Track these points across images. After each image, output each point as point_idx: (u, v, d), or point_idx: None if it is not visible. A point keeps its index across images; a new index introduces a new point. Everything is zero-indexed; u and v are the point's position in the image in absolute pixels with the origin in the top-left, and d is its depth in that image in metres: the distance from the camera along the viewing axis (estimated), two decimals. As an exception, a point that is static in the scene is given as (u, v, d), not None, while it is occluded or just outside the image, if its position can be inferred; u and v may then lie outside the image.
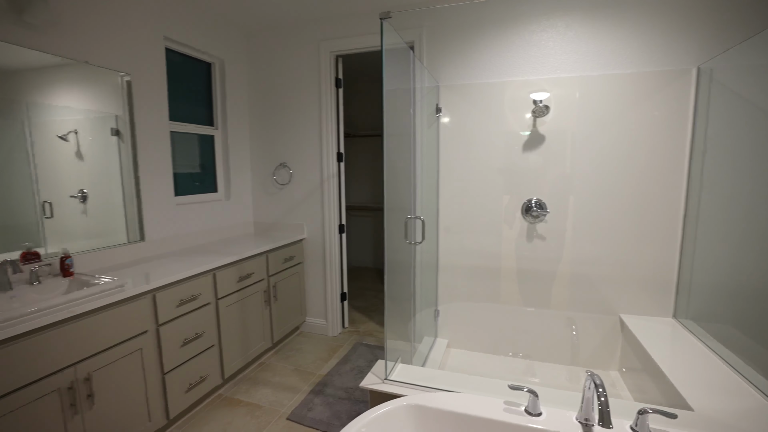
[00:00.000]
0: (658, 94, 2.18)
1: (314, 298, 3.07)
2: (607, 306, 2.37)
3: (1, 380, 1.24)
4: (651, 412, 1.17)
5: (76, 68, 1.88)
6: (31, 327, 1.31)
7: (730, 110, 1.89)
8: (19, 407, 1.30)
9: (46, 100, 1.78)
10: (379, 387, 1.54)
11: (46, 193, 1.81)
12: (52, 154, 1.83)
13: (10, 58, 1.63)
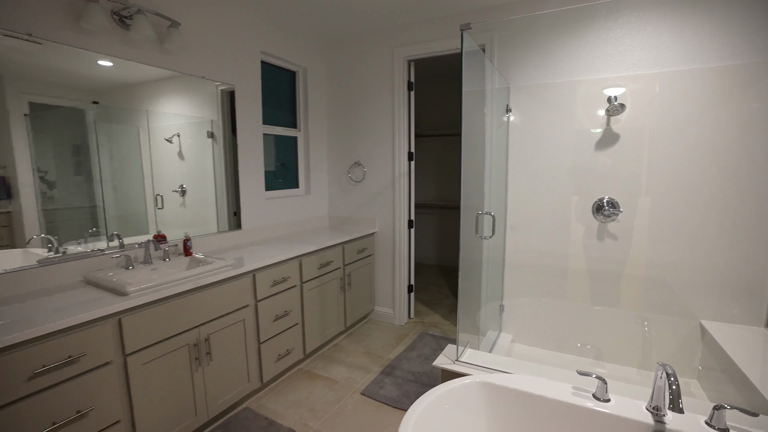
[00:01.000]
0: (756, 85, 2.05)
1: (383, 288, 3.27)
2: (685, 310, 2.28)
3: (151, 333, 1.58)
4: (729, 408, 1.18)
5: (179, 80, 2.19)
6: (170, 292, 1.64)
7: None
8: (163, 354, 1.63)
9: (157, 108, 2.11)
10: (450, 367, 1.68)
11: (157, 188, 2.16)
12: (160, 155, 2.18)
13: (134, 74, 1.98)
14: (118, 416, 1.50)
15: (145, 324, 1.56)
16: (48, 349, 1.28)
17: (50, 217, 1.72)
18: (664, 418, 1.22)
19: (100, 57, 1.81)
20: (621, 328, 2.42)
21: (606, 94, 2.34)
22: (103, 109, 1.88)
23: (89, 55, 1.77)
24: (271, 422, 1.99)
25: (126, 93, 1.96)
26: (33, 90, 1.62)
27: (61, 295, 1.56)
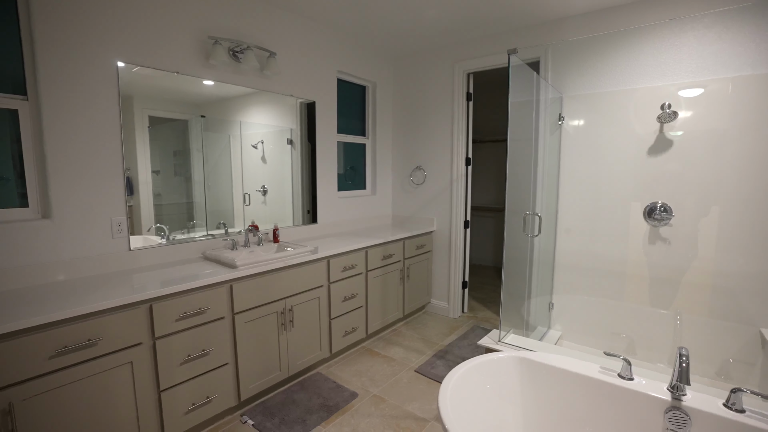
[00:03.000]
0: (821, 93, 2.02)
1: (439, 282, 3.55)
2: (745, 317, 2.26)
3: (251, 298, 2.04)
4: (746, 391, 1.30)
5: (265, 94, 2.59)
6: (266, 268, 2.09)
7: None
8: (260, 317, 2.09)
9: (246, 119, 2.53)
10: (492, 345, 1.92)
11: (246, 188, 2.59)
12: (247, 159, 2.59)
13: (229, 90, 2.44)
14: (227, 359, 1.96)
15: (247, 291, 2.02)
16: (186, 302, 1.76)
17: (161, 210, 2.16)
18: (683, 397, 1.36)
19: (220, 86, 2.33)
20: (672, 331, 2.44)
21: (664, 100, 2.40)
22: (206, 120, 2.33)
23: (200, 79, 2.29)
24: (338, 385, 2.37)
25: (221, 106, 2.39)
26: (152, 106, 2.08)
27: (190, 265, 2.08)
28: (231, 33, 2.34)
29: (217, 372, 1.92)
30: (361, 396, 2.27)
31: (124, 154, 1.98)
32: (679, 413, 1.33)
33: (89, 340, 1.48)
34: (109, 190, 1.93)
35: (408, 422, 2.04)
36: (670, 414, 1.35)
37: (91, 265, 1.87)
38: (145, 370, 1.66)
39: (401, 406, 2.17)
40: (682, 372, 1.27)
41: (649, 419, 1.41)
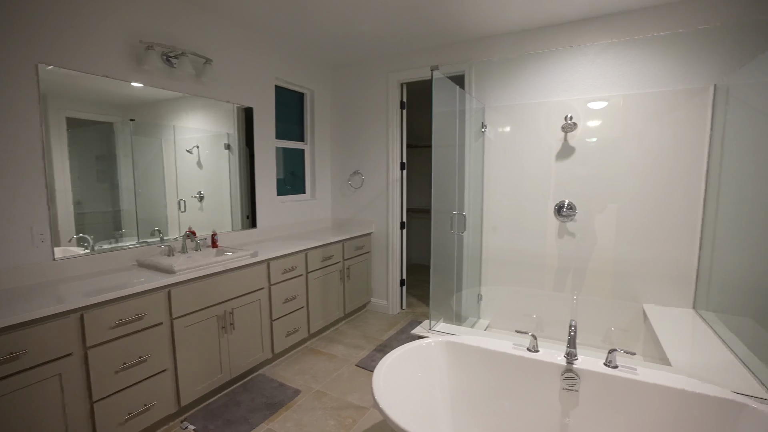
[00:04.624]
0: (678, 109, 2.49)
1: (378, 281, 3.72)
2: (632, 296, 2.69)
3: (190, 303, 2.04)
4: (619, 351, 1.60)
5: (199, 99, 2.56)
6: (205, 272, 2.10)
7: (746, 122, 2.16)
8: (199, 321, 2.09)
9: (180, 123, 2.49)
10: (423, 333, 2.12)
11: (180, 194, 2.55)
12: (182, 164, 2.55)
13: (160, 92, 2.42)
14: (166, 365, 1.95)
15: (186, 296, 2.02)
16: (122, 309, 1.74)
17: (82, 219, 2.03)
18: (575, 361, 1.64)
19: (151, 89, 2.30)
20: (582, 312, 2.83)
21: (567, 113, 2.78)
22: (136, 124, 2.25)
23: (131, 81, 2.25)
24: (282, 384, 2.43)
25: (152, 109, 2.32)
26: (70, 106, 1.95)
27: (125, 273, 2.03)
28: (165, 38, 2.33)
29: (155, 379, 1.90)
30: (304, 392, 2.35)
31: (46, 160, 1.89)
32: (571, 374, 1.61)
33: (11, 353, 1.43)
34: (28, 197, 1.84)
35: (349, 411, 2.16)
36: (565, 375, 1.62)
37: (10, 277, 1.77)
38: (76, 381, 1.62)
39: (342, 398, 2.29)
40: (571, 339, 1.54)
41: (550, 381, 1.67)
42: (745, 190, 2.10)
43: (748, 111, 2.13)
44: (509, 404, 1.79)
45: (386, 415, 1.35)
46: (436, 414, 1.77)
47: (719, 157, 2.38)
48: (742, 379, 1.64)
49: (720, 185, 2.36)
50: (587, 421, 1.62)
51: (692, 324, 2.33)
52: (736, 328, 2.03)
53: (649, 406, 1.52)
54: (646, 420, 1.52)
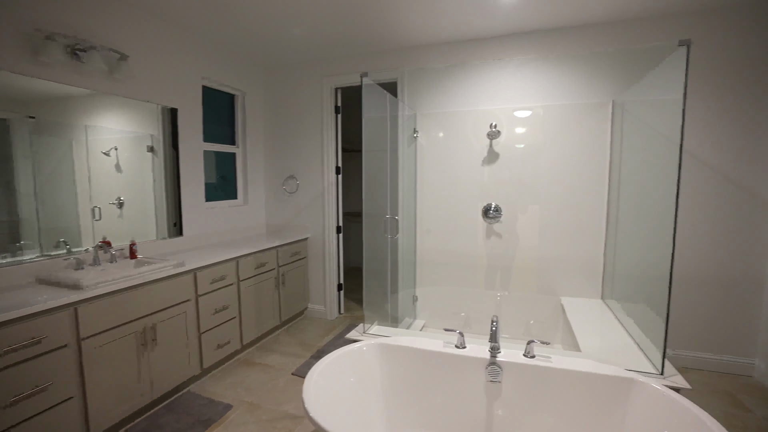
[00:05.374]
0: (586, 120, 2.78)
1: (315, 287, 3.67)
2: (552, 290, 2.93)
3: (103, 321, 1.86)
4: (536, 342, 1.74)
5: (117, 97, 2.36)
6: (121, 286, 1.93)
7: (637, 134, 2.47)
8: (115, 339, 1.91)
9: (92, 122, 2.26)
10: (358, 337, 2.13)
11: (95, 201, 2.32)
12: (97, 168, 2.32)
13: (70, 88, 2.19)
14: (72, 392, 1.75)
15: (98, 313, 1.84)
16: (13, 333, 1.54)
17: None
18: (498, 354, 1.75)
19: (54, 84, 2.07)
20: (508, 307, 3.02)
21: (492, 121, 2.97)
22: (37, 122, 2.01)
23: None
24: (211, 400, 2.30)
25: (59, 106, 2.09)
26: None
27: (19, 291, 1.80)
28: (69, 29, 2.10)
29: (58, 409, 1.70)
30: (236, 407, 2.25)
31: None
32: (495, 367, 1.71)
33: None
34: None
35: (284, 422, 2.11)
36: (489, 368, 1.72)
37: None
38: (-45, 418, 1.40)
39: (277, 409, 2.22)
40: (493, 334, 1.64)
41: (476, 375, 1.77)
42: (638, 192, 2.39)
43: (638, 124, 2.43)
44: (441, 399, 1.85)
45: (317, 424, 1.34)
46: (371, 416, 1.79)
47: (618, 164, 2.69)
48: (636, 358, 1.86)
49: (619, 188, 2.67)
50: (510, 409, 1.73)
51: (600, 313, 2.60)
52: (633, 314, 2.30)
53: (561, 390, 1.67)
54: (560, 402, 1.66)
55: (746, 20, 2.45)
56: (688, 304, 2.66)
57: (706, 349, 2.66)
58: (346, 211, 4.53)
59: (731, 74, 2.50)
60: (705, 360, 2.66)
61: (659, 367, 1.74)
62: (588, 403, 1.62)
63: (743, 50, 2.47)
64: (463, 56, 3.06)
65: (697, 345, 2.68)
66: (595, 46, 2.74)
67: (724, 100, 2.52)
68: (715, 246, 2.59)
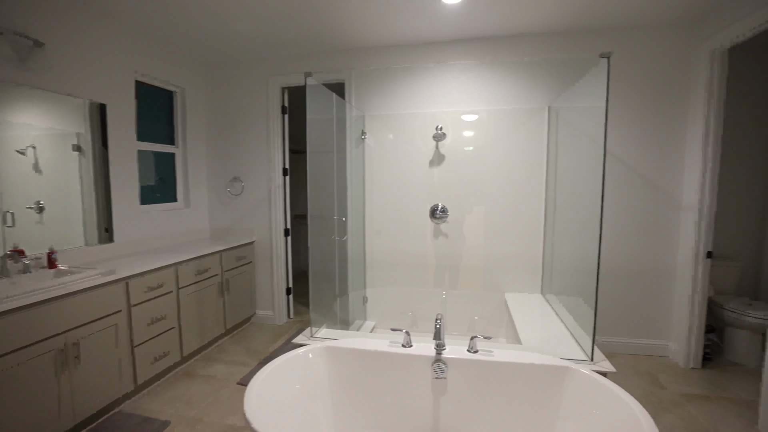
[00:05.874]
0: (525, 124, 2.93)
1: (263, 292, 3.55)
2: (497, 286, 3.06)
3: (9, 341, 1.66)
4: (478, 337, 1.80)
5: (35, 89, 2.13)
6: (34, 300, 1.74)
7: (569, 138, 2.63)
8: (24, 361, 1.71)
9: (2, 117, 2.01)
10: (305, 341, 2.08)
11: (7, 205, 2.06)
12: (10, 168, 2.07)
13: None
14: (-25, 421, 1.55)
15: (4, 332, 1.64)
16: None
17: None
18: (443, 351, 1.79)
19: (-50, 73, 1.82)
20: (455, 305, 3.10)
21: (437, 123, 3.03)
22: None
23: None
24: (146, 419, 2.14)
25: None
26: None
27: None
28: (-33, 11, 1.87)
29: (-44, 440, 1.50)
30: (174, 423, 2.11)
31: None
32: (440, 363, 1.75)
33: None
34: None
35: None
36: (434, 365, 1.75)
37: None
38: None
39: (220, 422, 2.12)
40: (437, 332, 1.68)
41: (423, 372, 1.79)
42: (571, 192, 2.56)
43: (570, 129, 2.61)
44: (390, 399, 1.86)
45: (258, 434, 1.29)
46: (318, 422, 1.75)
47: (554, 166, 2.86)
48: (570, 347, 1.99)
49: (555, 189, 2.85)
50: (456, 404, 1.78)
51: (539, 306, 2.74)
52: (569, 306, 2.46)
53: (503, 381, 1.74)
54: (503, 393, 1.73)
55: (658, 38, 2.71)
56: (614, 294, 2.89)
57: (630, 335, 2.91)
58: (296, 213, 4.44)
59: (647, 85, 2.75)
60: (629, 345, 2.90)
61: (590, 354, 1.86)
62: (528, 392, 1.70)
63: (657, 64, 2.73)
64: (411, 59, 3.11)
65: (622, 331, 2.91)
66: (531, 54, 2.90)
67: (642, 108, 2.77)
68: (636, 241, 2.84)
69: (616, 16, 2.59)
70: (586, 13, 2.54)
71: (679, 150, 2.74)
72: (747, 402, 2.26)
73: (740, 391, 2.38)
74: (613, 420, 1.41)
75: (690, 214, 2.66)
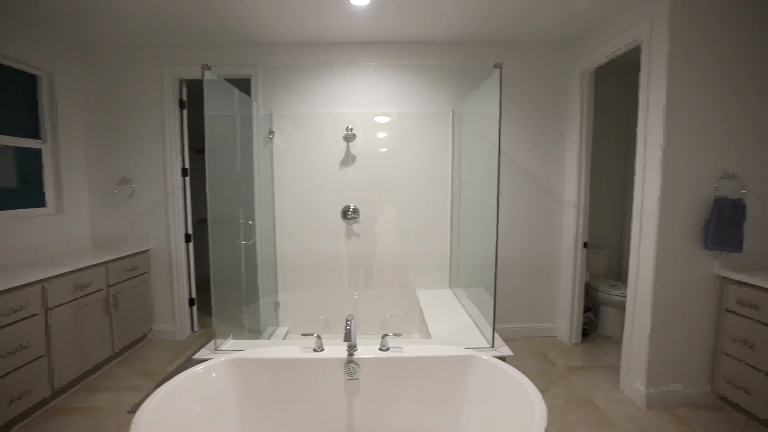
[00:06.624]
0: (432, 127, 3.07)
1: (162, 305, 3.19)
2: (410, 284, 3.16)
3: None
4: (389, 334, 1.83)
5: None
6: None
7: (471, 141, 2.82)
8: None
9: None
10: (208, 356, 1.91)
11: None
12: None
13: None
14: None
15: None
16: None
17: None
18: (355, 352, 1.78)
19: None
20: (369, 305, 3.13)
21: (348, 124, 3.03)
22: None
23: None
24: (3, 469, 1.77)
25: None
26: None
27: None
28: None
29: None
30: (42, 470, 1.78)
31: None
32: (352, 364, 1.74)
33: None
34: None
35: (113, 473, 1.75)
36: (347, 367, 1.74)
37: None
38: None
39: (105, 459, 1.84)
40: (347, 333, 1.66)
41: (335, 375, 1.77)
42: (473, 191, 2.75)
43: (471, 132, 2.80)
44: (303, 406, 1.79)
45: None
46: (223, 442, 1.62)
47: (458, 167, 3.05)
48: (474, 337, 2.13)
49: (460, 188, 3.03)
50: (370, 403, 1.78)
51: (448, 301, 2.90)
52: (474, 298, 2.64)
53: (414, 375, 1.79)
54: (414, 386, 1.78)
55: (544, 54, 3.05)
56: (512, 284, 3.18)
57: (526, 320, 3.23)
58: (199, 217, 4.09)
59: (537, 95, 3.08)
60: (526, 329, 3.22)
61: (491, 342, 2.02)
62: (437, 382, 1.78)
63: (544, 77, 3.07)
64: (322, 58, 3.06)
65: (520, 317, 3.22)
66: (437, 61, 3.06)
67: (533, 116, 3.09)
68: (529, 235, 3.17)
69: (508, 32, 2.84)
70: (482, 27, 2.75)
71: (561, 154, 3.12)
72: (614, 367, 2.65)
73: (609, 358, 2.79)
74: (510, 398, 1.54)
75: (571, 210, 3.04)
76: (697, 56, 2.08)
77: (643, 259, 2.25)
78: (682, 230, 2.17)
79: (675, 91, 2.09)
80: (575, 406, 2.22)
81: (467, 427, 1.67)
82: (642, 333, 2.25)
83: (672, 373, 2.24)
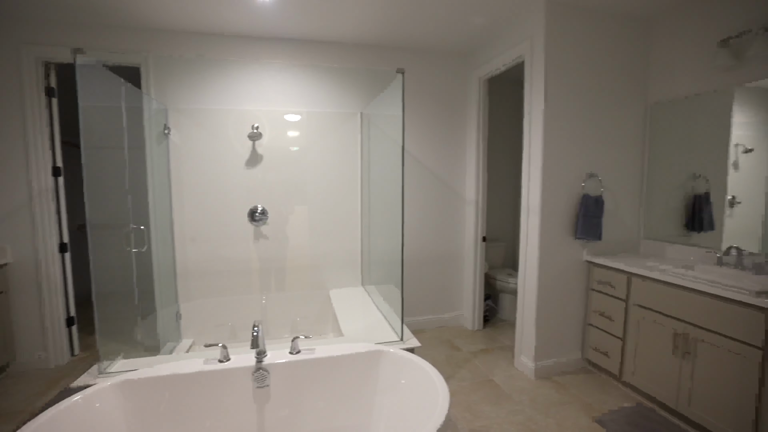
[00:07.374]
0: (342, 127, 3.09)
1: (27, 329, 2.70)
2: (323, 284, 3.14)
3: None
4: (300, 336, 1.80)
5: None
6: None
7: (378, 142, 2.90)
8: None
9: None
10: (91, 381, 1.68)
11: None
12: None
13: None
14: None
15: None
16: None
17: None
18: (264, 358, 1.72)
19: None
20: (280, 308, 3.04)
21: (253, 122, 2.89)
22: None
23: None
24: None
25: None
26: None
27: None
28: None
29: None
30: None
31: None
32: (261, 371, 1.68)
33: None
34: None
35: None
36: (255, 375, 1.67)
37: None
38: None
39: None
40: (254, 339, 1.60)
41: (244, 385, 1.69)
42: (381, 190, 2.84)
43: (378, 133, 2.89)
44: (210, 422, 1.68)
45: None
46: (111, 475, 1.44)
47: (367, 167, 3.12)
48: (385, 332, 2.21)
49: (369, 188, 3.11)
50: (283, 408, 1.74)
51: (360, 298, 2.95)
52: (384, 294, 2.73)
53: (327, 375, 1.79)
54: (327, 386, 1.78)
55: (446, 62, 3.27)
56: (419, 279, 3.36)
57: (434, 311, 3.44)
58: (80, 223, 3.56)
59: (440, 100, 3.28)
60: (435, 319, 3.43)
61: (400, 335, 2.11)
62: (350, 380, 1.80)
63: (447, 83, 3.29)
64: (223, 52, 2.87)
65: (428, 309, 3.42)
66: (345, 62, 3.08)
67: (437, 119, 3.30)
68: (434, 231, 3.37)
69: (413, 39, 2.98)
70: (388, 33, 2.85)
71: (462, 155, 3.38)
72: (510, 348, 2.97)
73: (506, 340, 3.12)
74: (417, 386, 1.63)
75: (471, 207, 3.31)
76: (566, 73, 2.43)
77: (530, 249, 2.55)
78: (559, 223, 2.52)
79: (550, 101, 2.41)
80: (478, 386, 2.44)
81: (379, 418, 1.73)
82: (530, 314, 2.56)
83: (554, 347, 2.58)
